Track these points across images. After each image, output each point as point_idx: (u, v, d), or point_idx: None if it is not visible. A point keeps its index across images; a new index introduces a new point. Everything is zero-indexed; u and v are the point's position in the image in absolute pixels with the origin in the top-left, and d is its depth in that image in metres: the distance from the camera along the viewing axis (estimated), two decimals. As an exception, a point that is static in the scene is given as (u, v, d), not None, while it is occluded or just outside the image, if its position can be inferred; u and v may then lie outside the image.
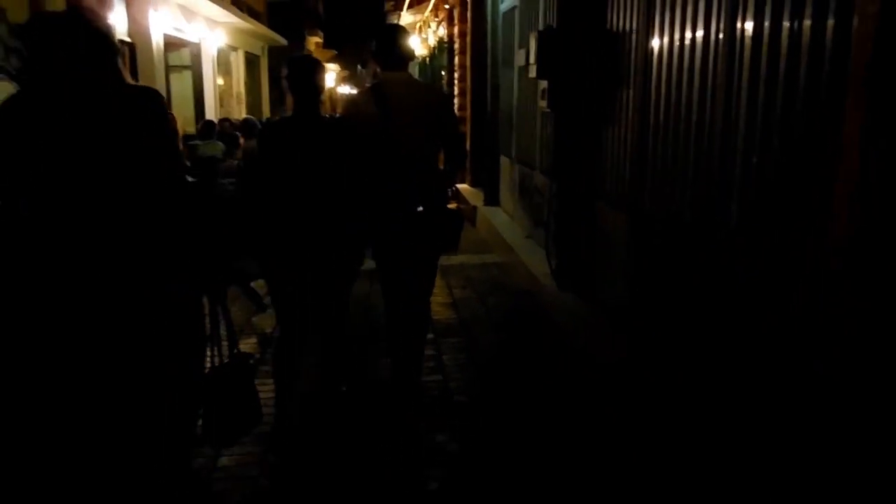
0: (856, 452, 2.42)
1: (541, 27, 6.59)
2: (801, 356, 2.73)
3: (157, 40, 10.69)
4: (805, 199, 2.75)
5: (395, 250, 3.77)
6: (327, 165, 3.34)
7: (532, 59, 5.48)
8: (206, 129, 8.24)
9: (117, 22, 8.26)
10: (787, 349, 2.84)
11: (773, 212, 2.97)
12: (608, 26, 5.05)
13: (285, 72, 3.43)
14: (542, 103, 5.58)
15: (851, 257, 2.42)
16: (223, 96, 16.03)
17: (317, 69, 3.46)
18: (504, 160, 8.86)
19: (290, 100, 3.43)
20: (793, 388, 2.78)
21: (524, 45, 7.13)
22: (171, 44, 12.02)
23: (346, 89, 47.60)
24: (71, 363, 2.28)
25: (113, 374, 2.33)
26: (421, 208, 3.68)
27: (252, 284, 5.90)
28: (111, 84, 2.29)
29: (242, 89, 17.67)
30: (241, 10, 16.57)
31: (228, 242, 2.98)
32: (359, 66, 54.24)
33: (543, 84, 5.49)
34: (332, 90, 41.56)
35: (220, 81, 15.60)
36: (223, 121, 9.99)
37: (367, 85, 4.09)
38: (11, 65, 5.50)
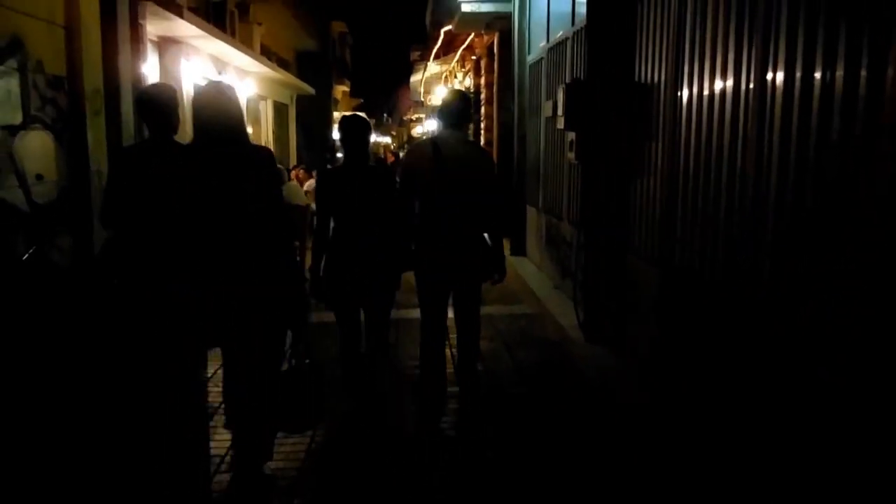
0: None
1: (568, 79, 6.68)
2: (838, 421, 2.67)
3: (188, 90, 10.96)
4: (837, 240, 2.72)
5: (439, 274, 4.28)
6: (373, 203, 4.14)
7: (560, 110, 5.54)
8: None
9: (150, 72, 8.50)
10: (817, 406, 2.78)
11: (806, 260, 2.94)
12: (637, 78, 5.10)
13: (339, 128, 4.20)
14: (570, 155, 5.62)
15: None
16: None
17: (363, 127, 4.21)
18: (531, 210, 8.89)
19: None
20: (823, 453, 2.71)
21: (551, 96, 7.21)
22: (202, 93, 12.32)
23: (373, 137, 48.42)
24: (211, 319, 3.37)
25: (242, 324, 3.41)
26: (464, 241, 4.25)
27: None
28: (242, 140, 3.42)
29: (271, 137, 17.98)
30: (271, 59, 16.97)
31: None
32: (384, 114, 55.21)
33: (571, 135, 5.54)
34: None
35: (250, 129, 15.89)
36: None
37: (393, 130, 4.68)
38: (47, 115, 5.65)
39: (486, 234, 4.32)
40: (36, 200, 5.44)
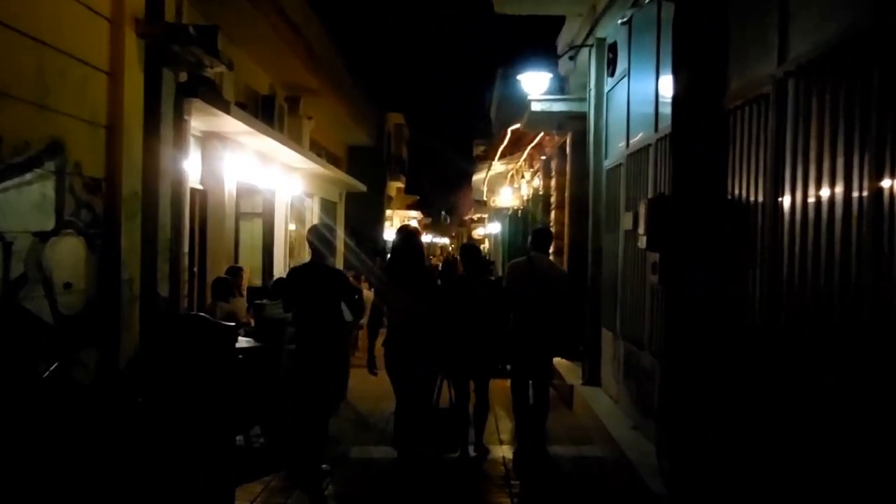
0: None
1: (650, 191, 6.75)
2: None
3: (230, 189, 11.41)
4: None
5: (532, 353, 7.03)
6: (488, 304, 6.94)
7: (641, 227, 5.58)
8: (276, 288, 8.57)
9: (192, 170, 8.90)
10: None
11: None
12: (730, 194, 5.13)
13: (461, 252, 8.24)
14: (653, 278, 5.62)
15: None
16: (294, 245, 16.75)
17: (479, 251, 8.21)
18: (606, 334, 8.80)
19: (460, 266, 7.83)
20: None
21: (631, 207, 7.27)
22: (244, 191, 12.78)
23: (429, 237, 49.15)
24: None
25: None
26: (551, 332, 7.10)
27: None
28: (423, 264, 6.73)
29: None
30: (320, 155, 17.60)
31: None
32: (442, 213, 56.10)
33: (654, 256, 5.55)
34: (412, 239, 42.91)
35: (293, 227, 16.34)
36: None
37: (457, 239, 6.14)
38: (82, 219, 5.94)
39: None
40: (62, 311, 5.66)
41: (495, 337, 6.97)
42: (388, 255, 7.00)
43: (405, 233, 6.84)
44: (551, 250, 12.53)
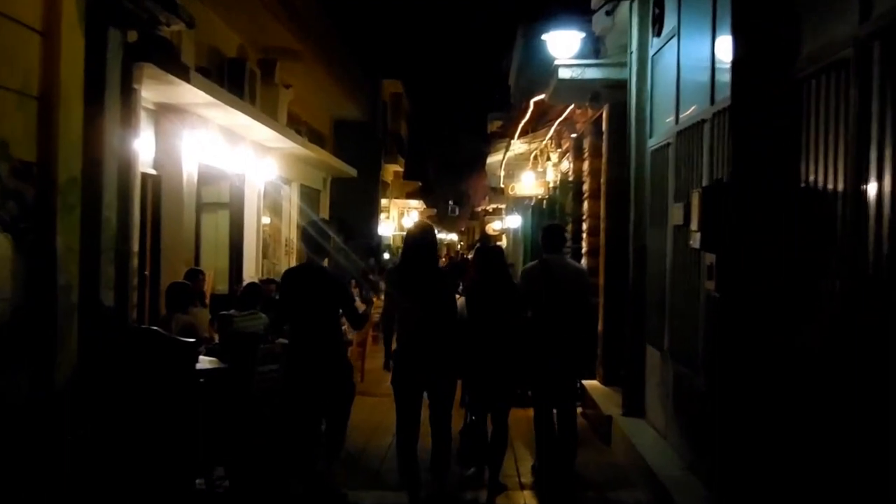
0: None
1: (705, 179, 6.72)
2: None
3: (190, 172, 11.44)
4: None
5: (549, 372, 7.51)
6: (509, 309, 7.29)
7: (694, 223, 5.58)
8: (246, 295, 8.59)
9: (142, 150, 8.93)
10: None
11: None
12: (802, 182, 5.11)
13: (476, 257, 8.06)
14: (709, 284, 5.61)
15: None
16: (268, 242, 16.78)
17: (500, 254, 8.09)
18: (652, 353, 8.78)
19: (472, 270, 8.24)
20: None
21: (681, 197, 7.26)
22: (207, 176, 12.79)
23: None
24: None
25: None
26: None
27: None
28: (435, 265, 7.15)
29: (294, 234, 18.39)
30: (300, 132, 17.61)
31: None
32: (450, 203, 56.05)
33: (710, 258, 5.54)
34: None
35: (266, 220, 16.36)
36: (268, 283, 10.37)
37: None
38: (8, 211, 5.93)
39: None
40: (-19, 326, 5.67)
41: (509, 345, 7.18)
42: (401, 255, 7.29)
43: (418, 227, 7.32)
44: (584, 249, 12.74)
